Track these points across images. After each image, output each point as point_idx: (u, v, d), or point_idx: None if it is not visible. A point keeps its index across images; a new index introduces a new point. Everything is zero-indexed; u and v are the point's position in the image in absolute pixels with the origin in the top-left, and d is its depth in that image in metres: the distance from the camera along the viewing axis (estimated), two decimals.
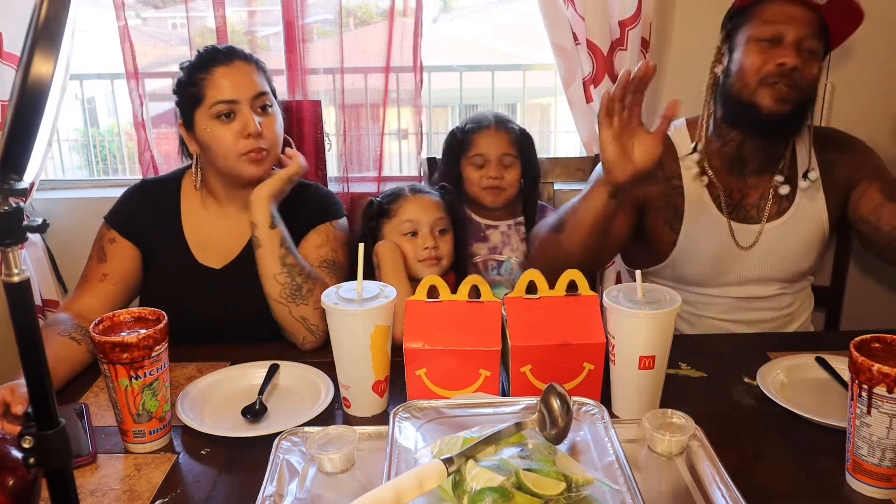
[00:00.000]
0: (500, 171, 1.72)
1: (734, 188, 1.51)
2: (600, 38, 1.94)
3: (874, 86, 2.06)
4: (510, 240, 1.79)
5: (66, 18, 0.59)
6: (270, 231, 1.38)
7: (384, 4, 2.01)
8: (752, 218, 1.51)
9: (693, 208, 1.50)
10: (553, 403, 0.86)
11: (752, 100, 1.38)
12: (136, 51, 2.01)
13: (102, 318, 1.07)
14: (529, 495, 0.74)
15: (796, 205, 1.51)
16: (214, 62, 1.40)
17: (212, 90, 1.38)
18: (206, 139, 1.40)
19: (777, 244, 1.51)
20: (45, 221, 0.64)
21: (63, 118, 2.31)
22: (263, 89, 1.42)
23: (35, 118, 0.59)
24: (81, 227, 2.00)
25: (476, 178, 1.74)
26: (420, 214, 1.52)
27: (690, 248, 1.51)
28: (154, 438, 1.07)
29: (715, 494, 0.90)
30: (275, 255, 1.37)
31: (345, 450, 0.96)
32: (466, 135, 1.76)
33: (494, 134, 1.74)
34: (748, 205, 1.51)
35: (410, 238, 1.52)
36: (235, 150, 1.39)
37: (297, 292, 1.36)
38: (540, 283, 1.15)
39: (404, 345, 1.10)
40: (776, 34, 1.36)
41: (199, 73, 1.40)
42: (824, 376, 1.24)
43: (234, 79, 1.39)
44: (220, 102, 1.38)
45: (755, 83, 1.37)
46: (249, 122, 1.38)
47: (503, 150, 1.73)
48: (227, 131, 1.38)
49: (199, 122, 1.41)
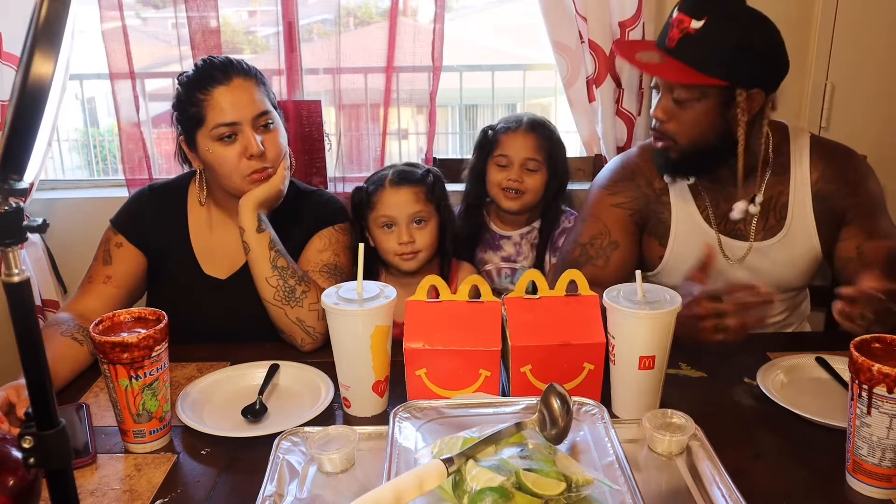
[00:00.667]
0: (521, 175, 1.70)
1: (720, 199, 1.47)
2: (602, 38, 1.94)
3: (874, 86, 2.06)
4: (521, 248, 1.78)
5: (66, 18, 0.59)
6: (258, 235, 1.37)
7: (384, 4, 2.01)
8: (739, 232, 1.47)
9: (681, 223, 1.48)
10: (553, 403, 0.86)
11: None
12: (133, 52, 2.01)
13: (102, 319, 1.07)
14: (529, 495, 0.74)
15: (787, 228, 1.45)
16: (212, 81, 1.37)
17: (212, 112, 1.36)
18: (209, 160, 1.39)
19: (766, 264, 1.47)
20: (45, 221, 0.64)
21: (63, 118, 2.31)
22: (264, 108, 1.40)
23: (35, 118, 0.59)
24: (81, 227, 2.01)
25: (497, 179, 1.73)
26: (396, 209, 1.52)
27: (678, 260, 1.49)
28: (154, 438, 1.07)
29: (715, 494, 0.90)
30: (265, 258, 1.37)
31: (345, 450, 0.96)
32: (496, 134, 1.75)
33: (522, 136, 1.72)
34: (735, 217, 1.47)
35: (387, 231, 1.53)
36: (239, 171, 1.38)
37: (290, 294, 1.36)
38: (540, 283, 1.15)
39: (404, 345, 1.10)
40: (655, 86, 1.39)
41: (197, 92, 1.37)
42: (824, 376, 1.24)
43: (235, 99, 1.37)
44: (222, 125, 1.36)
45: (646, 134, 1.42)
46: (251, 143, 1.37)
47: (528, 154, 1.71)
48: (229, 152, 1.37)
49: (200, 143, 1.39)
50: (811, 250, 1.47)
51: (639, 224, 1.51)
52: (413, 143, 2.48)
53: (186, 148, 1.44)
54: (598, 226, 1.49)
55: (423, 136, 2.15)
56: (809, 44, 2.05)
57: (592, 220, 1.50)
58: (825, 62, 2.04)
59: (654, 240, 1.52)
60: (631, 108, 2.02)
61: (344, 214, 1.55)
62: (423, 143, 2.16)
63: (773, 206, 1.46)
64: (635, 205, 1.49)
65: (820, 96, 2.08)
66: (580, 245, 1.49)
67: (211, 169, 1.41)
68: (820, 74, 2.06)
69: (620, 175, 1.52)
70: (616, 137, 2.05)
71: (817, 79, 2.06)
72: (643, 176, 1.50)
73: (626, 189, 1.50)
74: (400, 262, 1.54)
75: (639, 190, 1.50)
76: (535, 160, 1.71)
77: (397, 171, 1.57)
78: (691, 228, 1.48)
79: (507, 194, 1.72)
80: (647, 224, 1.52)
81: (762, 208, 1.45)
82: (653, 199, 1.50)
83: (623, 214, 1.49)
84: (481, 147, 1.78)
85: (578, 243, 1.50)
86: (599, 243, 1.48)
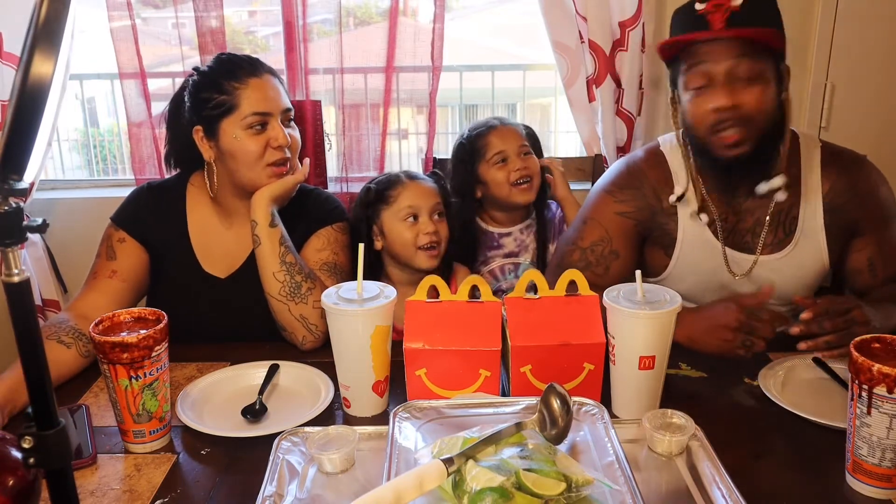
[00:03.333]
0: (524, 161, 1.72)
1: (728, 213, 1.43)
2: (602, 38, 1.94)
3: (874, 86, 2.06)
4: (524, 242, 1.78)
5: (66, 18, 0.59)
6: (270, 229, 1.38)
7: (384, 4, 2.01)
8: (746, 245, 1.43)
9: (687, 234, 1.45)
10: (553, 403, 0.86)
11: (708, 150, 1.33)
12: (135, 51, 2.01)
13: (102, 319, 1.07)
14: (529, 495, 0.74)
15: (795, 242, 1.41)
16: (245, 72, 1.40)
17: (247, 101, 1.38)
18: (232, 148, 1.39)
19: (772, 277, 1.43)
20: (45, 221, 0.64)
21: (63, 118, 2.32)
22: (290, 105, 1.45)
23: (35, 118, 0.59)
24: (81, 227, 2.01)
25: (503, 177, 1.71)
26: (419, 199, 1.53)
27: (683, 271, 1.47)
28: (154, 438, 1.07)
29: (715, 494, 0.90)
30: (274, 253, 1.38)
31: (345, 450, 0.96)
32: (477, 140, 1.74)
33: (506, 129, 1.74)
34: (743, 230, 1.43)
35: (411, 224, 1.53)
36: (262, 161, 1.39)
37: (296, 290, 1.36)
38: (540, 283, 1.15)
39: (404, 345, 1.10)
40: (706, 77, 1.27)
41: (232, 81, 1.39)
42: (824, 376, 1.24)
43: (267, 91, 1.40)
44: (256, 114, 1.38)
45: (704, 134, 1.31)
46: (280, 134, 1.39)
47: (519, 141, 1.73)
48: (256, 142, 1.39)
49: (225, 131, 1.39)
50: (819, 263, 1.43)
51: (641, 234, 1.48)
52: (413, 143, 2.48)
53: (203, 138, 1.42)
54: (600, 232, 1.46)
55: (423, 136, 2.15)
56: (809, 44, 2.05)
57: (593, 225, 1.47)
58: (825, 62, 2.04)
59: (658, 249, 1.49)
60: (631, 108, 2.02)
61: (342, 214, 1.55)
62: (422, 143, 2.17)
63: (782, 220, 1.42)
64: (640, 215, 1.45)
65: (820, 96, 2.08)
66: (580, 249, 1.47)
67: (232, 158, 1.40)
68: (820, 74, 2.06)
69: (627, 181, 1.47)
70: (616, 137, 2.05)
71: (817, 79, 2.07)
72: (650, 185, 1.45)
73: (632, 198, 1.45)
74: (423, 258, 1.52)
75: (644, 200, 1.45)
76: (525, 145, 1.74)
77: (406, 171, 1.60)
78: (698, 241, 1.44)
79: (519, 187, 1.72)
80: (651, 234, 1.48)
81: (770, 220, 1.41)
82: (658, 211, 1.45)
83: (627, 224, 1.45)
84: (463, 161, 1.75)
85: (578, 247, 1.48)
86: (600, 251, 1.46)
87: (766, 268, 1.43)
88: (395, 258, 1.57)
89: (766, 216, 1.41)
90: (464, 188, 1.75)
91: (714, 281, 1.46)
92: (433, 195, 1.55)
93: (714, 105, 1.26)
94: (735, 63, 1.25)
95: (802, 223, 1.41)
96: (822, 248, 1.42)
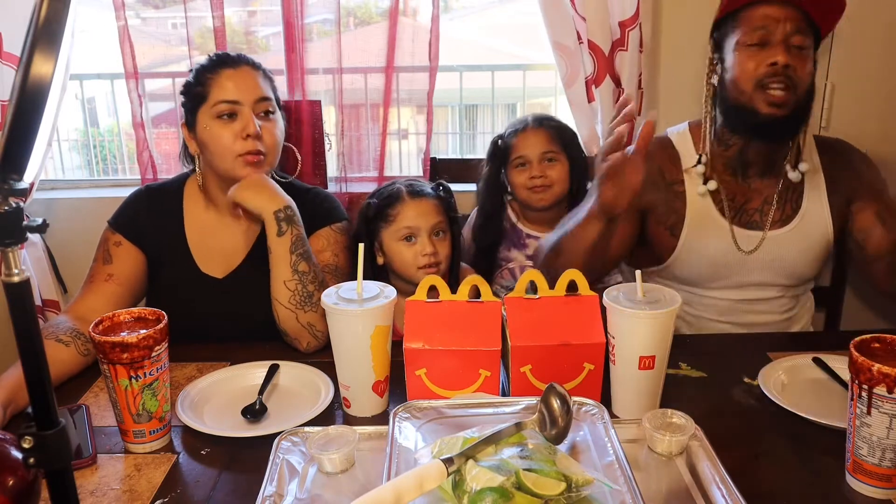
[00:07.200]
0: (543, 169, 1.72)
1: (737, 192, 1.50)
2: (601, 38, 1.94)
3: (874, 86, 2.06)
4: None
5: (66, 18, 0.59)
6: (278, 239, 1.37)
7: (384, 4, 2.01)
8: (755, 223, 1.50)
9: (695, 214, 1.50)
10: (553, 403, 0.86)
11: (749, 105, 1.39)
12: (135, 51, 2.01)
13: (102, 319, 1.07)
14: (529, 495, 0.74)
15: (801, 214, 1.50)
16: (223, 64, 1.43)
17: (216, 89, 1.40)
18: (204, 138, 1.41)
19: (780, 251, 1.50)
20: (45, 221, 0.64)
21: (63, 118, 2.31)
22: (267, 94, 1.44)
23: (35, 118, 0.59)
24: (81, 227, 2.00)
25: (521, 181, 1.74)
26: (418, 220, 1.51)
27: (691, 252, 1.51)
28: (154, 438, 1.07)
29: (715, 494, 0.90)
30: (285, 262, 1.36)
31: (345, 450, 0.96)
32: (507, 140, 1.77)
33: (532, 133, 1.74)
34: (751, 209, 1.51)
35: (409, 244, 1.51)
36: (233, 151, 1.39)
37: (307, 300, 1.35)
38: (540, 283, 1.15)
39: (404, 345, 1.10)
40: (763, 37, 1.36)
41: (206, 73, 1.42)
42: (824, 376, 1.24)
43: (239, 81, 1.41)
44: (223, 102, 1.39)
45: (751, 88, 1.37)
46: (249, 123, 1.39)
47: (543, 147, 1.73)
48: (226, 131, 1.39)
49: (200, 121, 1.41)
50: (824, 236, 1.51)
51: (639, 208, 1.51)
52: (413, 143, 2.47)
53: (186, 131, 1.46)
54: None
55: (423, 136, 2.15)
56: None
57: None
58: (825, 62, 2.04)
59: (665, 230, 1.52)
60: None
61: (341, 213, 1.55)
62: (423, 143, 2.16)
63: (789, 197, 1.51)
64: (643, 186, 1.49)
65: (820, 96, 2.07)
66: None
67: (206, 148, 1.42)
68: (820, 74, 2.06)
69: None
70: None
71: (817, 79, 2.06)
72: (656, 164, 1.51)
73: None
74: (421, 276, 1.48)
75: (649, 176, 1.46)
76: (551, 151, 1.73)
77: (409, 184, 1.56)
78: (705, 220, 1.50)
79: (534, 192, 1.73)
80: (655, 210, 1.52)
81: (778, 198, 1.49)
82: (662, 187, 1.51)
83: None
84: (494, 157, 1.79)
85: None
86: None
87: (774, 242, 1.50)
88: (396, 274, 1.57)
89: (775, 194, 1.50)
90: (492, 183, 1.78)
91: (721, 261, 1.50)
92: (434, 213, 1.52)
93: (772, 60, 1.35)
94: (793, 31, 1.36)
95: (808, 194, 1.51)
96: (826, 218, 1.50)
